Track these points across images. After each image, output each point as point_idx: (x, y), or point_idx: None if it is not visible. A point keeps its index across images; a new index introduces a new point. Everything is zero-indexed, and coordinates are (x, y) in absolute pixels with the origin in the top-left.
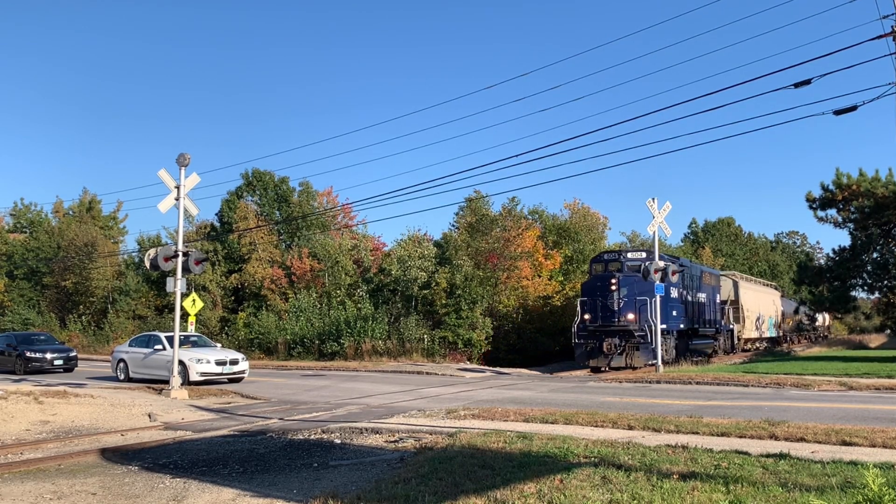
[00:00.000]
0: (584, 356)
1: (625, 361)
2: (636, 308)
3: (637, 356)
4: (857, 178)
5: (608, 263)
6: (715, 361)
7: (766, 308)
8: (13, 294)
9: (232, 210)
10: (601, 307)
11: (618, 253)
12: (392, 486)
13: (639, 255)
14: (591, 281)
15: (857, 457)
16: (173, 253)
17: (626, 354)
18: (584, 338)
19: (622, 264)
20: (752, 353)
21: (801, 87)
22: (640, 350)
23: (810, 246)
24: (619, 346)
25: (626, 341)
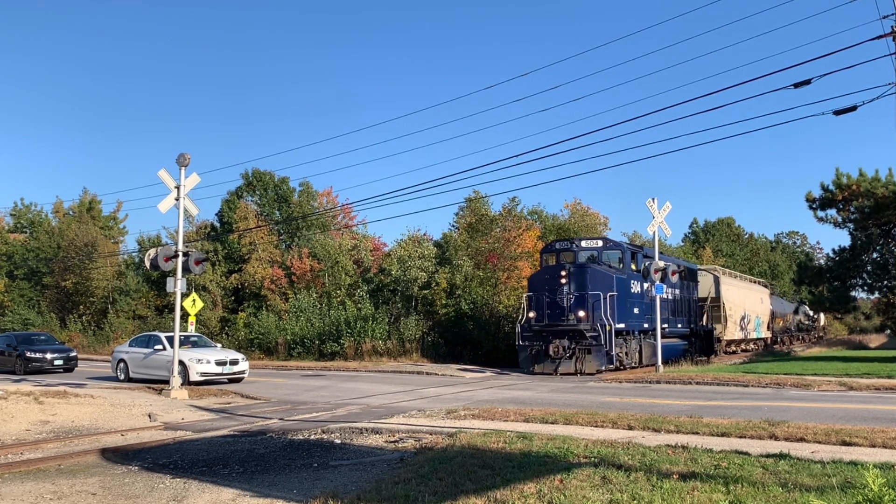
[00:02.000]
0: (528, 361)
1: (574, 367)
2: (589, 305)
3: (589, 360)
4: (857, 178)
5: (560, 254)
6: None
7: (752, 307)
8: (13, 294)
9: (232, 210)
10: (549, 304)
11: (570, 241)
12: (392, 487)
13: (593, 243)
14: (538, 274)
15: (857, 457)
16: (173, 253)
17: (577, 358)
18: (529, 339)
19: (575, 254)
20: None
21: (801, 87)
22: (593, 353)
23: (810, 246)
24: (569, 349)
25: (577, 343)
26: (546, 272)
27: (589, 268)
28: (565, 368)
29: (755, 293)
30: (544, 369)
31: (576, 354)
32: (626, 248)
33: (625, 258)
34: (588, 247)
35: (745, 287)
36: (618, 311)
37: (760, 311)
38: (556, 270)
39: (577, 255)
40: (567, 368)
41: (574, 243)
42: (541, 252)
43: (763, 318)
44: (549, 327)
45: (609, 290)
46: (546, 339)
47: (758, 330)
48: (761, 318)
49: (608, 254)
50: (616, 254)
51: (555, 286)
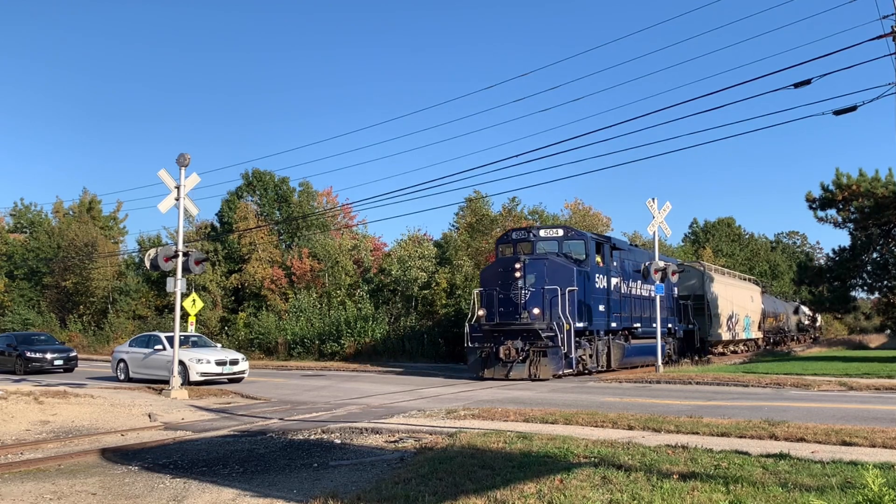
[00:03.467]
0: (477, 364)
1: (528, 371)
2: (545, 301)
3: (544, 364)
4: (857, 178)
5: (517, 244)
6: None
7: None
8: (13, 294)
9: (232, 210)
10: (501, 300)
11: (527, 230)
12: (392, 487)
13: (553, 232)
14: (491, 267)
15: (857, 457)
16: (173, 253)
17: (531, 362)
18: (479, 340)
19: (533, 245)
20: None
21: (801, 87)
22: (549, 356)
23: (810, 246)
24: (523, 351)
25: (532, 344)
26: (499, 265)
27: (546, 260)
28: (518, 373)
29: (745, 291)
30: (494, 374)
31: (530, 357)
32: (591, 238)
33: (589, 249)
34: (547, 236)
35: (734, 284)
36: (578, 309)
37: (750, 311)
38: (509, 263)
39: (535, 245)
40: (519, 373)
41: (532, 233)
42: (496, 243)
43: (753, 318)
44: (501, 327)
45: (568, 285)
46: (498, 340)
47: (747, 330)
48: (751, 317)
49: (570, 244)
50: (579, 244)
51: (508, 281)
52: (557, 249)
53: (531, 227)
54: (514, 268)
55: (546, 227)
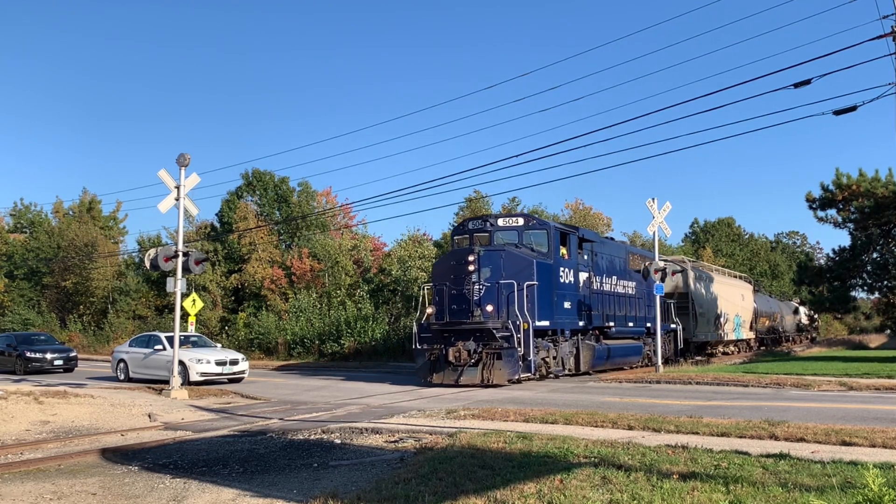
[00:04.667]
0: (425, 368)
1: (480, 375)
2: (502, 297)
3: (498, 368)
4: (857, 178)
5: (473, 235)
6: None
7: (730, 304)
8: (13, 294)
9: (232, 210)
10: (453, 297)
11: (484, 220)
12: (392, 487)
13: (513, 221)
14: (443, 259)
15: (857, 457)
16: (173, 253)
17: (484, 365)
18: (428, 341)
19: (491, 235)
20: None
21: (801, 87)
22: (504, 358)
23: (810, 246)
24: (475, 353)
25: (485, 346)
26: (451, 258)
27: (503, 251)
28: (469, 378)
29: (734, 289)
30: (443, 379)
31: (483, 360)
32: (554, 227)
33: (552, 241)
34: (506, 226)
35: (722, 282)
36: (540, 306)
37: (741, 310)
38: (462, 255)
39: (492, 236)
40: (471, 378)
41: (489, 222)
42: (451, 234)
43: (744, 318)
44: (452, 326)
45: (527, 279)
46: (448, 341)
47: (738, 330)
48: (742, 316)
49: (531, 235)
50: (541, 234)
51: (461, 275)
52: (517, 240)
53: (489, 215)
54: (466, 261)
55: (505, 216)
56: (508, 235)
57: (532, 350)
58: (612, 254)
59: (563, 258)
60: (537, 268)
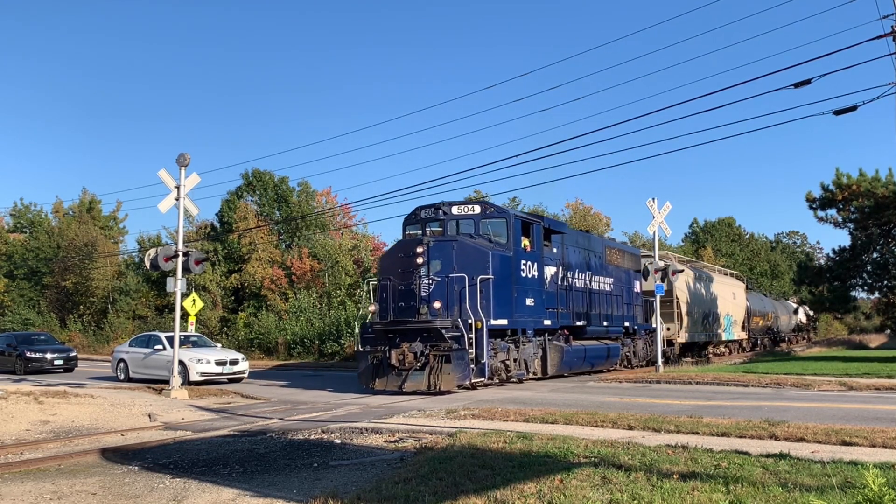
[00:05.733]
0: (367, 373)
1: (427, 381)
2: (453, 293)
3: (447, 372)
4: (857, 178)
5: (426, 225)
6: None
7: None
8: (13, 294)
9: (232, 210)
10: (400, 293)
11: (437, 207)
12: (392, 486)
13: (468, 209)
14: (391, 252)
15: (857, 457)
16: (173, 253)
17: (432, 369)
18: (371, 342)
19: (444, 225)
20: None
21: (801, 87)
22: (453, 362)
23: (810, 246)
24: (422, 356)
25: (433, 347)
26: (399, 249)
27: (455, 242)
28: (414, 384)
29: (725, 287)
30: (387, 385)
31: (430, 363)
32: (514, 216)
33: (511, 230)
34: (461, 214)
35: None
36: (496, 302)
37: (732, 309)
38: (410, 247)
39: (446, 225)
40: (416, 384)
41: (442, 210)
42: (403, 224)
43: (736, 317)
44: (396, 326)
45: (481, 272)
46: (393, 342)
47: (728, 330)
48: (733, 316)
49: (488, 224)
50: (499, 224)
51: (409, 268)
52: (474, 230)
53: (443, 203)
54: (414, 252)
55: (460, 204)
56: (464, 225)
57: (486, 352)
58: (587, 247)
59: (524, 250)
60: (493, 260)
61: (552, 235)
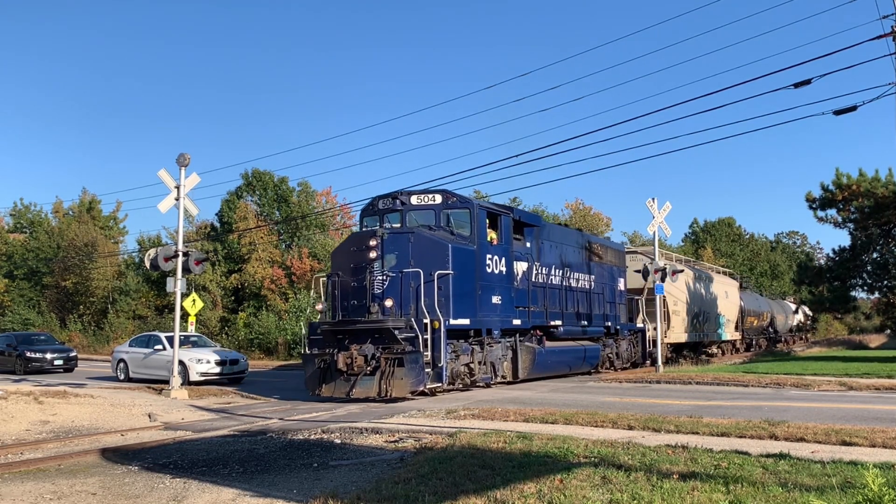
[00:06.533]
0: (314, 378)
1: (378, 387)
2: (409, 290)
3: (399, 378)
4: (857, 178)
5: (384, 216)
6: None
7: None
8: (13, 294)
9: (232, 210)
10: (352, 290)
11: (394, 197)
12: (392, 486)
13: (429, 199)
14: (343, 245)
15: (857, 457)
16: (173, 253)
17: (384, 374)
18: (319, 344)
19: (403, 216)
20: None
21: (801, 87)
22: (406, 365)
23: (810, 246)
24: (372, 360)
25: (385, 349)
26: (351, 242)
27: (412, 234)
28: (363, 390)
29: (717, 286)
30: (334, 391)
31: (382, 367)
32: (479, 206)
33: (476, 221)
34: (421, 205)
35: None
36: (457, 300)
37: (724, 308)
38: (363, 239)
39: (405, 217)
40: (365, 390)
41: (400, 199)
42: (360, 215)
43: (728, 317)
44: (345, 326)
45: (440, 267)
46: (342, 343)
47: (720, 330)
48: (725, 316)
49: (451, 215)
50: (461, 215)
51: (361, 263)
52: (435, 222)
53: (402, 192)
54: (367, 245)
55: (420, 193)
56: (424, 216)
57: (444, 354)
58: (565, 242)
59: (490, 243)
60: (454, 254)
61: (525, 229)
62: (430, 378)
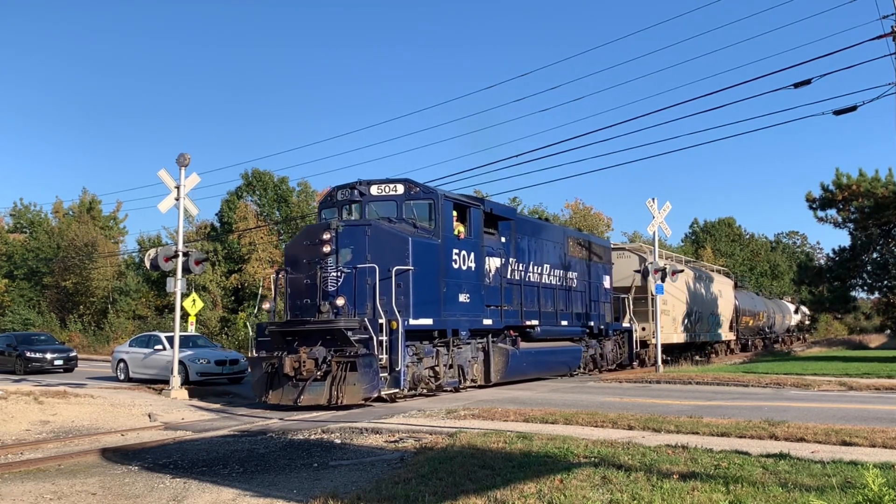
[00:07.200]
0: (261, 383)
1: (328, 393)
2: (366, 287)
3: (351, 383)
4: (857, 178)
5: (343, 208)
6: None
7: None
8: (13, 294)
9: (232, 210)
10: (302, 288)
11: (352, 188)
12: (392, 486)
13: (390, 189)
14: (297, 239)
15: (857, 457)
16: (173, 253)
17: (335, 379)
18: (268, 347)
19: (363, 208)
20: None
21: (801, 87)
22: (359, 370)
23: (810, 246)
24: (323, 363)
25: (337, 352)
26: (305, 236)
27: (368, 227)
28: (312, 397)
29: (711, 285)
30: (282, 398)
31: (333, 372)
32: (444, 197)
33: (440, 213)
34: (381, 195)
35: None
36: (419, 298)
37: (717, 308)
38: (316, 233)
39: (364, 208)
40: (315, 397)
41: (359, 189)
42: (318, 207)
43: (723, 317)
44: (294, 327)
45: (399, 262)
46: (292, 346)
47: (713, 331)
48: (719, 315)
49: (414, 206)
50: (425, 206)
51: (314, 258)
52: (396, 213)
53: (360, 181)
54: (321, 239)
55: (381, 183)
56: (385, 208)
57: (403, 357)
58: (544, 237)
59: (457, 237)
60: (415, 248)
61: (499, 222)
62: (386, 383)
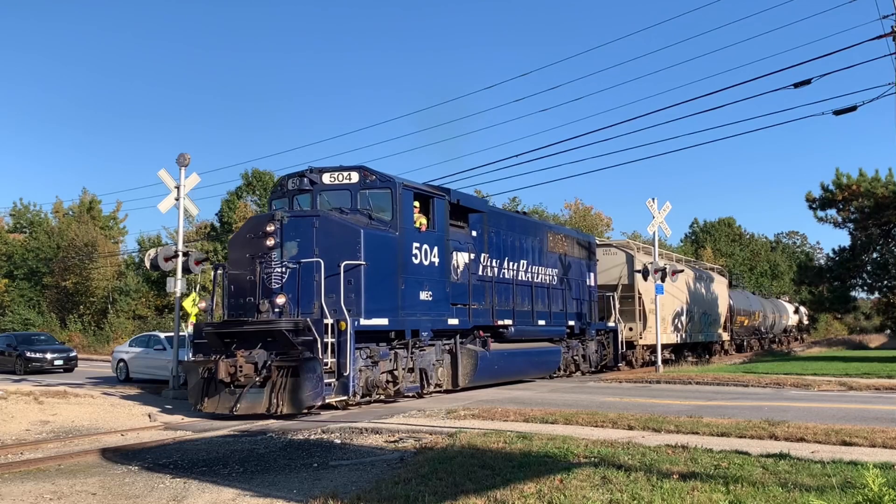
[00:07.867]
0: (197, 390)
1: (268, 401)
2: (310, 284)
3: (291, 390)
4: (857, 178)
5: (293, 197)
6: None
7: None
8: (13, 294)
9: (232, 210)
10: (245, 285)
11: (302, 176)
12: (392, 487)
13: (344, 177)
14: (239, 233)
15: (857, 457)
16: (173, 253)
17: (276, 385)
18: (205, 350)
19: (315, 198)
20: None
21: (801, 87)
22: (302, 375)
23: (810, 246)
24: (263, 369)
25: (279, 356)
26: (248, 228)
27: (317, 218)
28: (249, 405)
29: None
30: (218, 406)
31: (273, 378)
32: (405, 186)
33: (399, 204)
34: (334, 184)
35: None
36: (372, 296)
37: (710, 307)
38: (259, 224)
39: (316, 198)
40: (253, 405)
41: (309, 177)
42: (269, 199)
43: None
44: (231, 328)
45: (349, 256)
46: (230, 349)
47: (706, 331)
48: (712, 315)
49: (370, 196)
50: (383, 195)
51: (257, 252)
52: (350, 204)
53: (311, 169)
54: (265, 231)
55: (333, 171)
56: (339, 197)
57: (352, 361)
58: (520, 231)
59: (418, 230)
60: (367, 241)
61: (469, 215)
62: (333, 389)
